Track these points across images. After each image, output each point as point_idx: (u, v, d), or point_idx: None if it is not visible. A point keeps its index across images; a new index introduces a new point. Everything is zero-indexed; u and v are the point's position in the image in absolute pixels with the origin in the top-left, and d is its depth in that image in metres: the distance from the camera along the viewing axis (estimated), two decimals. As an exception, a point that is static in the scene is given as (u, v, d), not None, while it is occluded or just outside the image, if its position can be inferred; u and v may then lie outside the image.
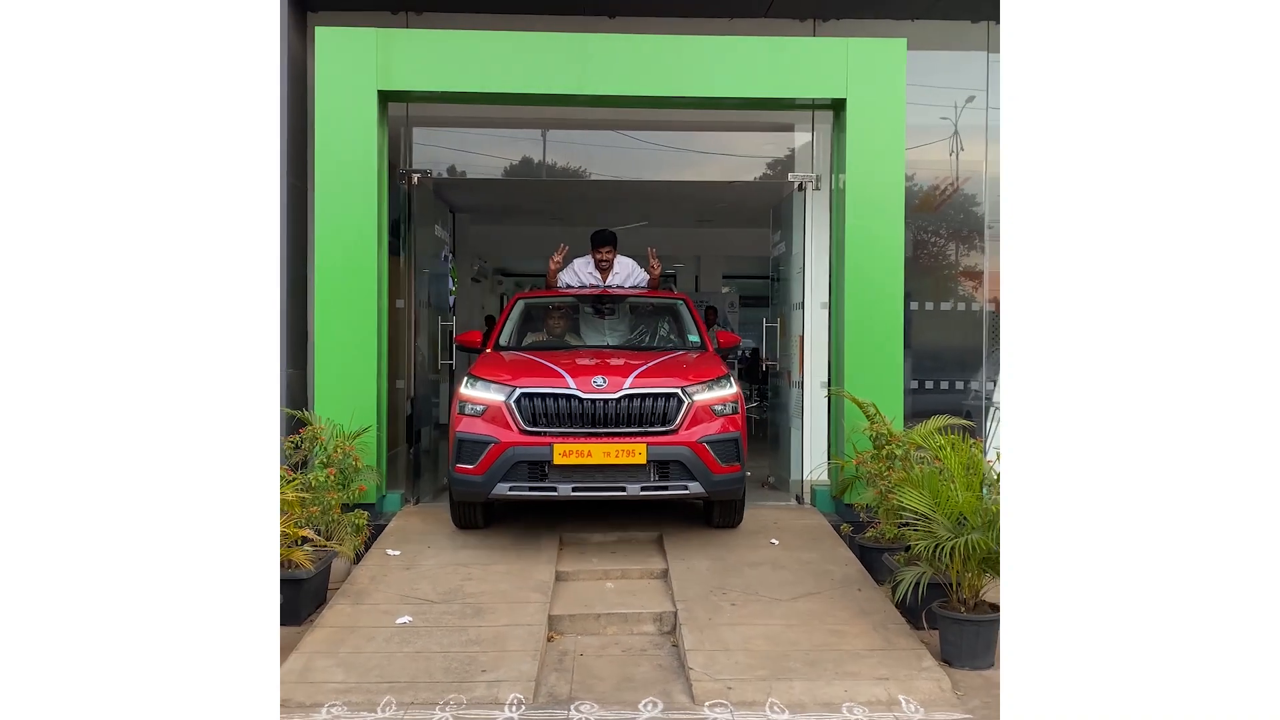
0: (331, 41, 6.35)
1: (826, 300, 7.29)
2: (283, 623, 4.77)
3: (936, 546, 4.49)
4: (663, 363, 5.97)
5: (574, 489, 5.41)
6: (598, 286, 7.21)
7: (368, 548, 5.83)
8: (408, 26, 7.06)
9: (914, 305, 7.62)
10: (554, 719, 3.91)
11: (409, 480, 7.30)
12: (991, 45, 7.37)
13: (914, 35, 6.76)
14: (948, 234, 8.08)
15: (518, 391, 5.54)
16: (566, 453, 5.39)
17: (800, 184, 7.34)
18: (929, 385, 7.94)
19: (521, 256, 15.98)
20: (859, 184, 6.53)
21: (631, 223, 11.02)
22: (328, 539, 5.44)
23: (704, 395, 5.65)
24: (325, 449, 5.51)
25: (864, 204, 6.53)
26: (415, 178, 7.24)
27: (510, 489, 5.42)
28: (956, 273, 8.17)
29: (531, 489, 5.45)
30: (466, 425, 5.59)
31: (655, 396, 5.54)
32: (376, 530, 6.05)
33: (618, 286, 7.20)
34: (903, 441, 5.68)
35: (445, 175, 8.20)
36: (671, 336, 7.01)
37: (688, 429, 5.55)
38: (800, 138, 7.83)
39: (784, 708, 4.02)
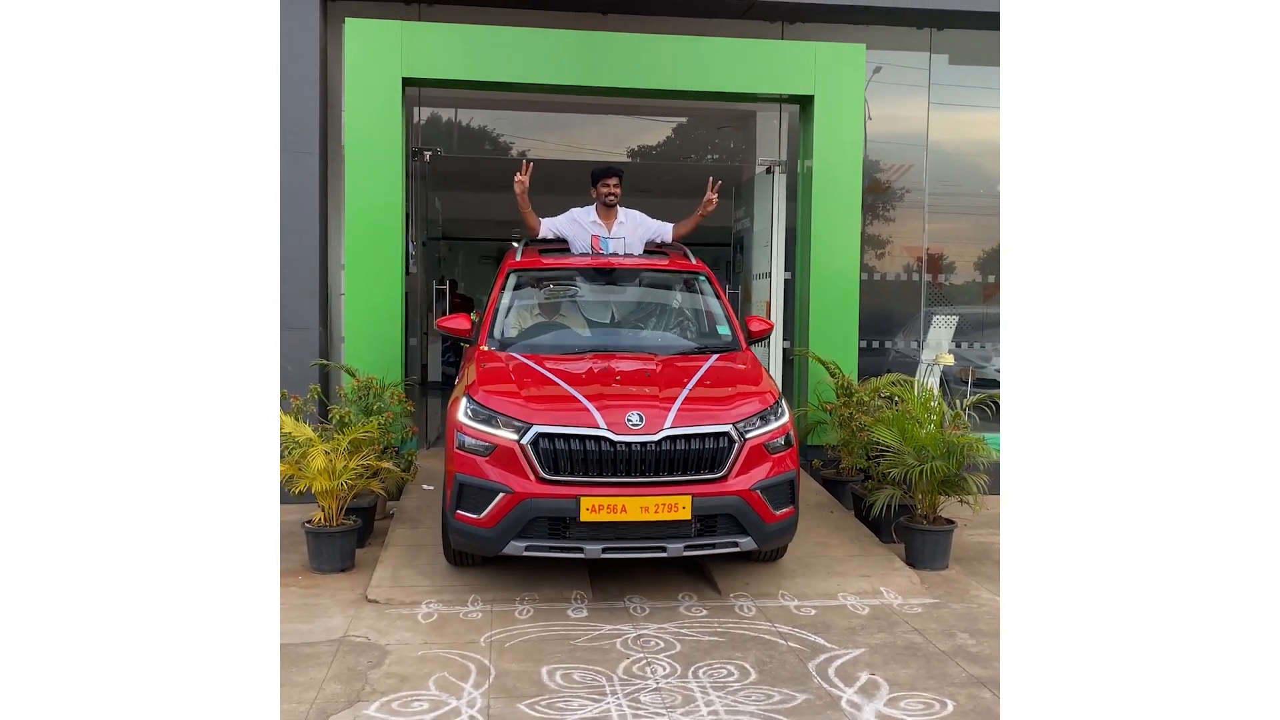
0: (361, 32, 7.04)
1: (783, 270, 8.31)
2: (360, 545, 5.68)
3: (906, 472, 5.57)
4: (705, 384, 5.07)
5: (604, 549, 4.64)
6: (604, 252, 6.37)
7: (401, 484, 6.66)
8: (419, 18, 7.76)
9: (863, 276, 8.68)
10: (615, 608, 4.86)
11: (423, 426, 8.12)
12: (933, 48, 8.45)
13: (868, 38, 7.79)
14: (891, 211, 9.18)
15: (534, 431, 4.64)
16: (595, 507, 4.56)
17: (769, 167, 8.32)
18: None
19: (462, 222, 16.55)
20: (824, 170, 7.53)
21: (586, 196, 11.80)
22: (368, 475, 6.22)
23: (757, 432, 4.84)
24: (381, 397, 6.27)
25: (828, 187, 7.54)
26: (427, 155, 8.00)
27: (526, 548, 4.66)
28: (897, 246, 9.28)
29: (552, 548, 4.69)
30: (469, 466, 4.73)
31: (703, 438, 4.71)
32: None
33: (625, 253, 6.36)
34: (868, 391, 6.73)
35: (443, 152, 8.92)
36: (692, 321, 6.16)
37: (738, 475, 4.74)
38: (763, 126, 8.79)
39: (793, 597, 5.05)
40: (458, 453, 4.81)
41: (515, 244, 6.74)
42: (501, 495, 4.61)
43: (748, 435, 4.80)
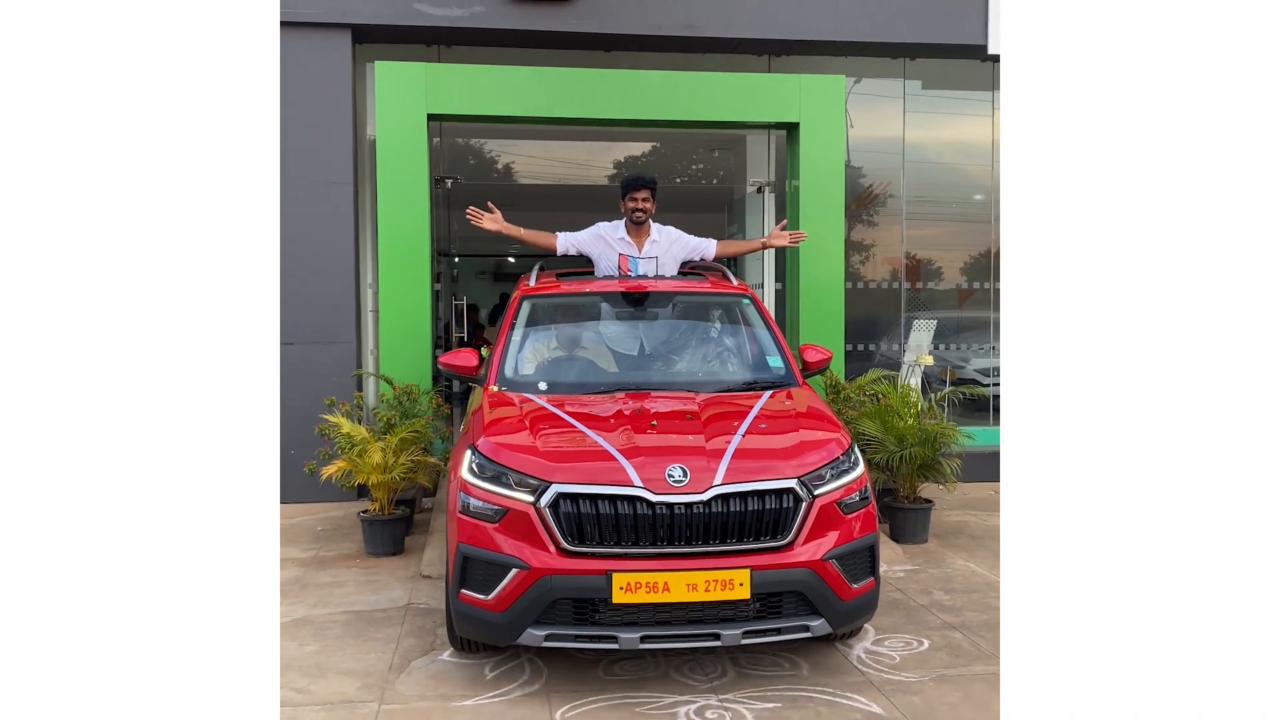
0: (390, 74, 7.77)
1: (774, 281, 9.09)
2: (407, 533, 6.42)
3: (889, 458, 6.33)
4: (760, 428, 4.29)
5: (643, 638, 3.79)
6: (633, 274, 5.86)
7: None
8: (439, 58, 8.52)
9: (847, 284, 9.47)
10: (637, 578, 5.60)
11: (448, 427, 8.85)
12: (907, 74, 9.25)
13: (846, 67, 8.61)
14: (872, 223, 9.98)
15: (554, 491, 3.87)
16: (631, 585, 3.75)
17: (759, 187, 9.10)
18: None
19: (466, 239, 17.49)
20: (809, 189, 8.29)
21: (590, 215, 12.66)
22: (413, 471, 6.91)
23: (829, 487, 4.05)
24: (418, 402, 6.98)
25: (813, 205, 8.29)
26: (449, 182, 8.75)
27: (546, 637, 3.84)
28: (878, 256, 10.08)
29: (578, 637, 3.86)
30: (475, 535, 3.95)
31: (762, 496, 3.91)
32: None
33: (657, 275, 5.90)
34: (854, 388, 7.49)
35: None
36: (736, 352, 5.47)
37: (807, 541, 3.94)
38: (753, 149, 9.58)
39: (792, 566, 5.80)
40: (461, 518, 4.03)
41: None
42: (515, 572, 3.82)
43: (817, 492, 4.00)
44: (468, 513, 4.02)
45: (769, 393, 4.81)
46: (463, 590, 3.99)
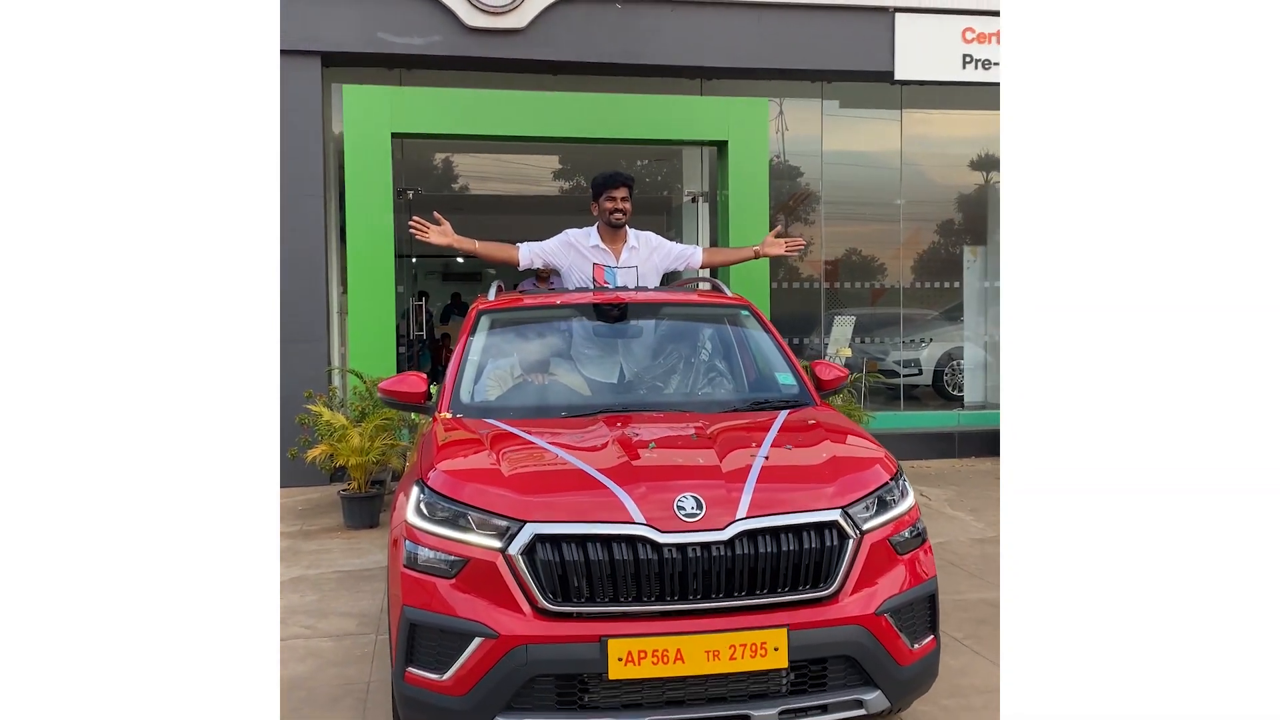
0: (357, 96, 8.56)
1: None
2: (380, 509, 7.25)
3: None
4: (784, 449, 3.52)
5: None
6: (610, 286, 5.17)
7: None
8: (400, 82, 9.34)
9: (772, 284, 10.46)
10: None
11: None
12: (824, 95, 10.26)
13: (771, 90, 9.60)
14: (796, 227, 10.99)
15: (530, 533, 3.02)
16: (633, 655, 2.93)
17: (694, 197, 10.04)
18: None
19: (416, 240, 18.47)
20: (738, 199, 9.25)
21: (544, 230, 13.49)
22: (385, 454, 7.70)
23: (878, 521, 3.26)
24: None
25: (741, 213, 9.25)
26: (410, 194, 9.57)
27: None
28: (801, 259, 11.09)
29: None
30: (424, 595, 3.10)
31: (799, 533, 3.10)
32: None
33: (638, 287, 5.19)
34: (775, 377, 8.46)
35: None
36: (734, 372, 4.62)
37: (856, 591, 3.14)
38: (688, 161, 10.54)
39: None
40: (406, 573, 3.17)
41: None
42: (479, 642, 2.98)
43: (865, 527, 3.21)
44: (415, 566, 3.14)
45: (786, 411, 4.01)
46: (409, 669, 3.10)
